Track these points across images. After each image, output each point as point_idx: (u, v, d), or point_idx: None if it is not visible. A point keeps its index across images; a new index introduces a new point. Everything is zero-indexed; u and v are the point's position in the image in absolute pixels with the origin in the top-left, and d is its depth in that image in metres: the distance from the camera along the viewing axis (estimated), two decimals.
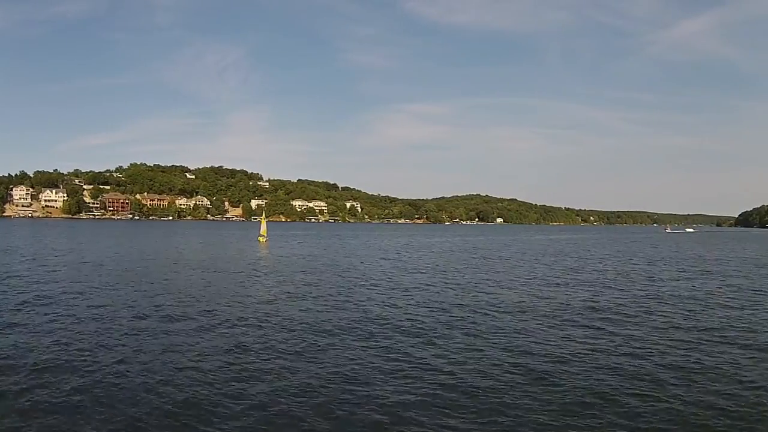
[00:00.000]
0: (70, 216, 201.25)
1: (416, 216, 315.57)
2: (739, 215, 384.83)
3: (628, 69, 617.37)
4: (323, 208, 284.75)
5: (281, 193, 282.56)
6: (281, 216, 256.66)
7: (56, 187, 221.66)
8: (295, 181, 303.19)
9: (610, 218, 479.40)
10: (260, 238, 58.79)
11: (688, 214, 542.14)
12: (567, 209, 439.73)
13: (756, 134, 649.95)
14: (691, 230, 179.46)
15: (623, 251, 57.19)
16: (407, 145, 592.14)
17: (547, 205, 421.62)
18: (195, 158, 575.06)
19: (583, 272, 32.35)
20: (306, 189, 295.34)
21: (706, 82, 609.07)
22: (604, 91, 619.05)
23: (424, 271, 31.86)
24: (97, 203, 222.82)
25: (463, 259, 41.63)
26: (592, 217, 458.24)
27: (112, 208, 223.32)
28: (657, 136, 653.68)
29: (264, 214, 66.44)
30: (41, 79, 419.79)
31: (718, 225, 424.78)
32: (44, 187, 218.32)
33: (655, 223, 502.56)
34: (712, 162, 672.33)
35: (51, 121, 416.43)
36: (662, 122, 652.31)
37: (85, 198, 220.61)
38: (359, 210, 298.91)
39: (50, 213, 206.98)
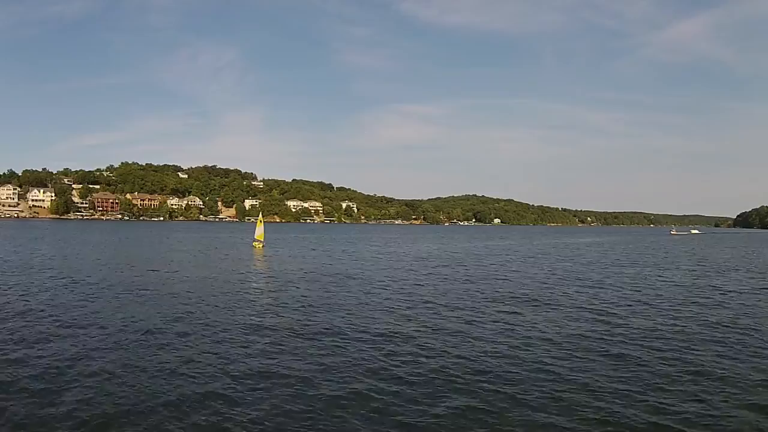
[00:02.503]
0: (58, 216, 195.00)
1: (413, 217, 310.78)
2: (738, 216, 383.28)
3: (622, 70, 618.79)
4: (319, 208, 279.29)
5: (276, 193, 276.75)
6: (276, 216, 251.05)
7: (44, 186, 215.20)
8: (290, 181, 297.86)
9: (607, 219, 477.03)
10: (255, 244, 51.21)
11: (684, 215, 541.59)
12: (564, 210, 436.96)
13: (751, 135, 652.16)
14: (696, 232, 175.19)
15: (699, 258, 50.16)
16: (402, 146, 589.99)
17: (543, 205, 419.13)
18: (189, 158, 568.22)
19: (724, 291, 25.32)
20: (301, 189, 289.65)
21: (701, 83, 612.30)
22: (599, 92, 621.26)
23: (523, 303, 20.44)
24: (85, 203, 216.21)
25: (549, 275, 31.28)
26: (589, 218, 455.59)
27: (101, 208, 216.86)
28: (652, 137, 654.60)
29: (261, 216, 58.26)
30: (36, 80, 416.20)
31: (717, 226, 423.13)
32: (32, 186, 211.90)
33: (652, 223, 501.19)
34: (707, 163, 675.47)
35: (45, 121, 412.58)
36: (657, 123, 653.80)
37: (73, 198, 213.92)
38: (355, 210, 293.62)
39: (37, 213, 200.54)
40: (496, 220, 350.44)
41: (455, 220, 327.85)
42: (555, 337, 14.22)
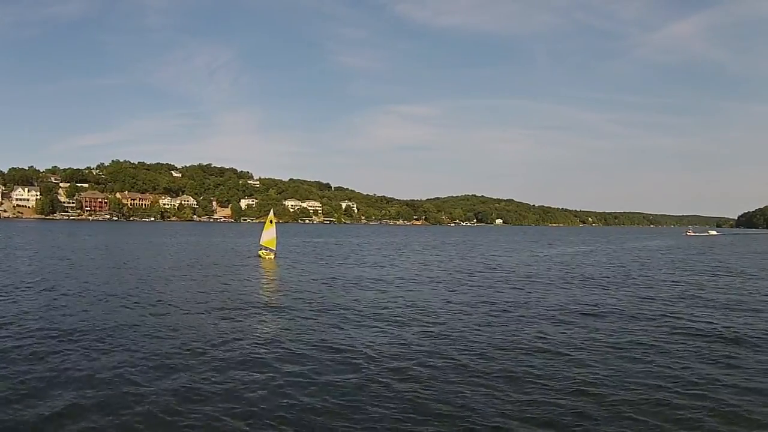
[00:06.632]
0: (43, 216, 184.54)
1: (414, 217, 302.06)
2: (740, 216, 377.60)
3: (616, 71, 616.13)
4: (317, 208, 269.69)
5: (273, 192, 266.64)
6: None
7: (30, 184, 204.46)
8: (287, 180, 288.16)
9: (607, 219, 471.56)
10: (262, 253, 37.31)
11: (683, 215, 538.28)
12: (564, 210, 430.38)
13: (747, 136, 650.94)
14: (715, 233, 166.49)
15: None
16: (398, 146, 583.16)
17: (544, 206, 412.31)
18: (184, 159, 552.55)
19: None
20: (299, 188, 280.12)
21: (695, 84, 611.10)
22: (594, 93, 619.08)
23: None
24: (72, 202, 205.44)
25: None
26: (590, 218, 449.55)
27: (89, 208, 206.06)
28: (648, 138, 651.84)
29: (272, 214, 39.54)
30: (31, 80, 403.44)
31: (719, 226, 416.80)
32: (18, 184, 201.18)
33: (651, 223, 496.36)
34: (704, 163, 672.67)
35: (40, 122, 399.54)
36: (654, 123, 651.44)
37: (60, 197, 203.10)
38: (356, 211, 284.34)
39: (21, 213, 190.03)
40: (498, 221, 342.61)
41: (457, 221, 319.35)
42: None
